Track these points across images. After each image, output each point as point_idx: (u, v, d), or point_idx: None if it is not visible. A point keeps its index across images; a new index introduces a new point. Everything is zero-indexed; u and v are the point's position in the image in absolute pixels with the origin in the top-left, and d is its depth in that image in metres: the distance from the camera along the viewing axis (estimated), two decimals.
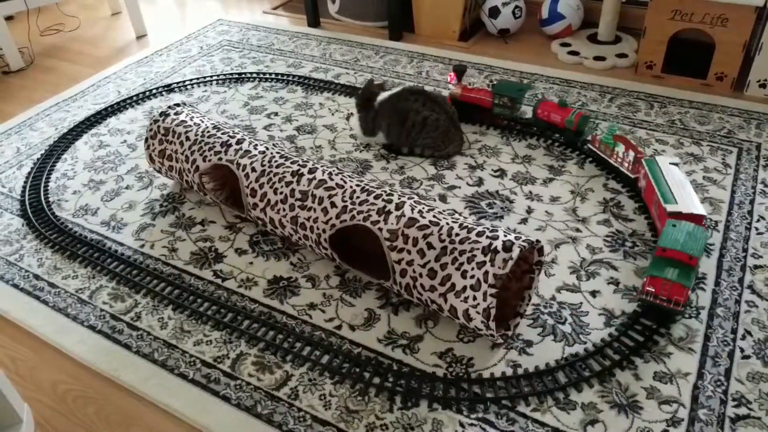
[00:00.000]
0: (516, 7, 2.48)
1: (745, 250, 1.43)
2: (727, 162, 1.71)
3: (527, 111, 1.98)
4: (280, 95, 2.18)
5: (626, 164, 1.63)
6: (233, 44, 2.61)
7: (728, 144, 1.78)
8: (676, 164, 1.53)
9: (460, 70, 1.99)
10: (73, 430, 1.17)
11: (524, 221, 1.55)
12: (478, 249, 1.15)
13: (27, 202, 1.72)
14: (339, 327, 1.31)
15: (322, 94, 2.17)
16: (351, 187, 1.34)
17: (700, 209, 1.39)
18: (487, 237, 1.17)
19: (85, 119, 2.11)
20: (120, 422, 1.17)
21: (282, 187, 1.40)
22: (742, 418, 1.09)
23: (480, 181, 1.69)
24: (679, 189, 1.44)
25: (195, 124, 1.60)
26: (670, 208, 1.40)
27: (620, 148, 1.63)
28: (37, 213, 1.68)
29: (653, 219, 1.51)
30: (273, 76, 2.29)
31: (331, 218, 1.32)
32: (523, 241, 1.15)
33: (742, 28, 1.95)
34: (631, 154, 1.60)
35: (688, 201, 1.41)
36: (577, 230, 1.51)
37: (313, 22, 2.75)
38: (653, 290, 1.24)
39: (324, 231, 1.33)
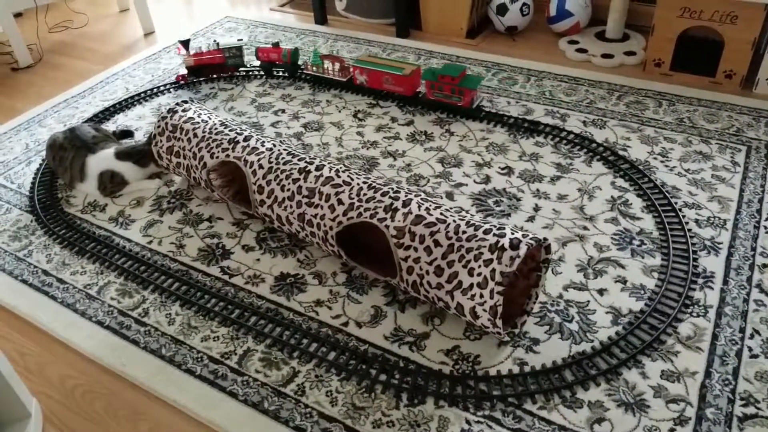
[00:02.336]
0: (524, 4, 2.47)
1: (753, 249, 1.42)
2: (735, 160, 1.70)
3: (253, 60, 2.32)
4: (288, 92, 2.18)
5: (337, 74, 2.15)
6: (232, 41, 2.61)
7: (737, 142, 1.77)
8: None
9: (185, 42, 2.20)
10: (81, 424, 1.18)
11: (531, 219, 1.55)
12: (485, 247, 1.15)
13: (36, 198, 1.73)
14: (346, 324, 1.31)
15: (329, 91, 2.17)
16: (358, 184, 1.34)
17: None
18: (494, 235, 1.16)
19: (94, 116, 2.11)
20: (128, 417, 1.18)
21: (289, 184, 1.40)
22: (750, 417, 1.08)
23: (487, 179, 1.69)
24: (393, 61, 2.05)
25: (203, 121, 1.61)
26: (406, 71, 2.00)
27: (328, 64, 2.12)
28: (46, 209, 1.69)
29: (389, 90, 2.06)
30: (280, 72, 2.30)
31: (338, 215, 1.32)
32: (531, 238, 1.15)
33: (752, 25, 1.94)
34: (337, 65, 2.11)
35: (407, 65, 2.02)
36: (585, 228, 1.51)
37: (320, 20, 2.75)
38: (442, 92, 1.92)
39: (331, 228, 1.33)
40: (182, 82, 2.24)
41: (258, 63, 2.28)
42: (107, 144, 1.77)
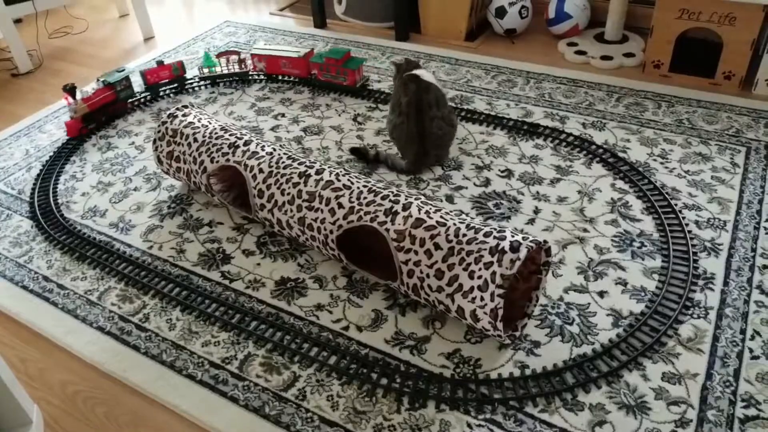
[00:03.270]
0: (522, 6, 2.48)
1: (753, 250, 1.42)
2: (735, 161, 1.70)
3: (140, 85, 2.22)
4: (287, 96, 2.18)
5: (238, 67, 2.26)
6: (240, 46, 2.61)
7: (736, 143, 1.77)
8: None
9: (71, 90, 2.00)
10: (82, 430, 1.18)
11: (531, 222, 1.55)
12: (485, 249, 1.15)
13: (36, 204, 1.73)
14: (346, 328, 1.31)
15: (328, 95, 2.18)
16: (358, 188, 1.34)
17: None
18: (495, 237, 1.16)
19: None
20: (129, 423, 1.18)
21: (289, 188, 1.40)
22: (751, 419, 1.08)
23: (487, 182, 1.69)
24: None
25: (203, 125, 1.61)
26: (300, 53, 2.19)
27: (223, 61, 2.25)
28: (46, 215, 1.69)
29: (288, 75, 2.25)
30: (280, 77, 2.30)
31: (338, 219, 1.32)
32: (531, 241, 1.15)
33: (750, 26, 1.94)
34: (234, 58, 2.25)
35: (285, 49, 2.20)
36: (585, 230, 1.51)
37: (320, 23, 2.75)
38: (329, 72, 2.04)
39: (331, 232, 1.33)
40: (82, 133, 2.03)
41: (145, 87, 2.20)
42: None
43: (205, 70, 2.24)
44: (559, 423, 1.10)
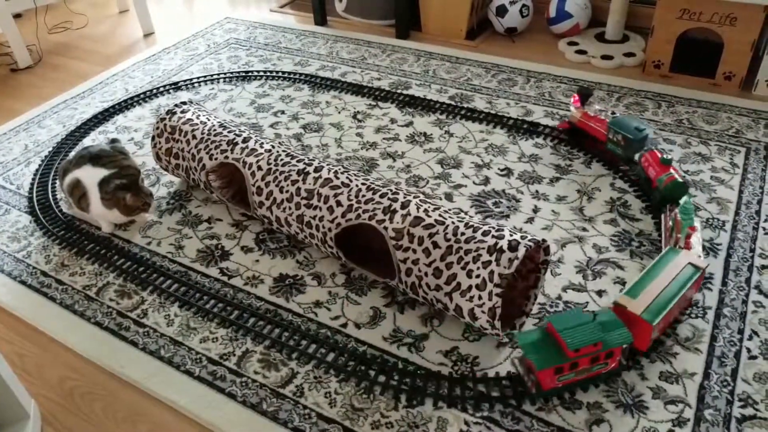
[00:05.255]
0: (523, 5, 2.47)
1: (752, 250, 1.42)
2: (735, 162, 1.70)
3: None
4: (287, 93, 2.18)
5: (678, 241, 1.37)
6: (240, 42, 2.61)
7: (736, 144, 1.78)
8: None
9: (585, 94, 1.79)
10: (80, 425, 1.18)
11: (530, 220, 1.55)
12: (483, 248, 1.15)
13: (35, 199, 1.73)
14: (344, 325, 1.31)
15: (328, 92, 2.18)
16: (357, 185, 1.34)
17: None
18: (493, 236, 1.16)
19: (93, 117, 2.12)
20: (126, 418, 1.18)
21: (288, 185, 1.40)
22: (748, 419, 1.08)
23: (486, 180, 1.69)
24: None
25: (202, 122, 1.61)
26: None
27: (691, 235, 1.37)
28: (45, 210, 1.69)
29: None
30: (280, 74, 2.30)
31: (336, 217, 1.32)
32: (529, 240, 1.15)
33: (751, 27, 1.94)
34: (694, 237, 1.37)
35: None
36: (584, 229, 1.51)
37: (320, 21, 2.75)
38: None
39: (330, 230, 1.33)
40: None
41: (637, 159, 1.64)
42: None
43: (676, 216, 1.40)
44: (556, 421, 1.10)
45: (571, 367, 1.09)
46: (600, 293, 1.34)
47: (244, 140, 1.51)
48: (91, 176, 1.53)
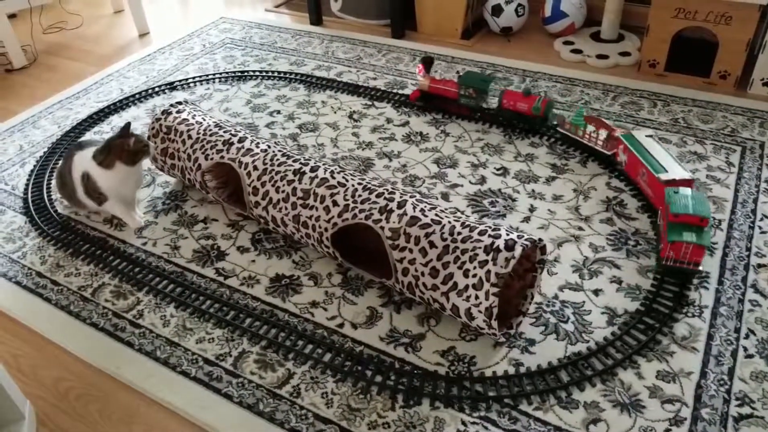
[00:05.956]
0: (519, 5, 2.48)
1: (748, 249, 1.42)
2: (730, 161, 1.71)
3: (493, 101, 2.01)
4: (283, 93, 2.18)
5: (600, 142, 1.70)
6: (236, 42, 2.61)
7: (732, 143, 1.78)
8: (651, 136, 1.59)
9: (428, 62, 2.01)
10: (75, 427, 1.17)
11: (527, 220, 1.55)
12: (480, 248, 1.15)
13: (30, 200, 1.72)
14: (341, 325, 1.31)
15: (324, 92, 2.17)
16: (353, 185, 1.34)
17: (689, 174, 1.47)
18: (490, 236, 1.16)
19: (88, 117, 2.11)
20: (122, 419, 1.17)
21: (284, 185, 1.39)
22: (745, 418, 1.08)
23: (482, 180, 1.69)
24: (663, 159, 1.53)
25: (197, 122, 1.60)
26: (664, 177, 1.47)
27: (591, 128, 1.71)
28: (40, 210, 1.68)
29: (641, 188, 1.59)
30: (275, 74, 2.29)
31: (333, 217, 1.32)
32: (526, 239, 1.15)
33: (746, 26, 1.94)
34: (604, 132, 1.68)
35: (676, 169, 1.49)
36: (580, 229, 1.51)
37: (316, 20, 2.75)
38: (673, 255, 1.32)
39: (326, 230, 1.33)
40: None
41: (497, 106, 1.90)
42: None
43: (567, 125, 1.77)
44: (553, 421, 1.10)
45: None
46: (596, 292, 1.34)
47: (240, 140, 1.51)
48: (82, 157, 1.54)
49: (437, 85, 1.98)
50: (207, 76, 2.31)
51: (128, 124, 1.52)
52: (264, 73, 2.30)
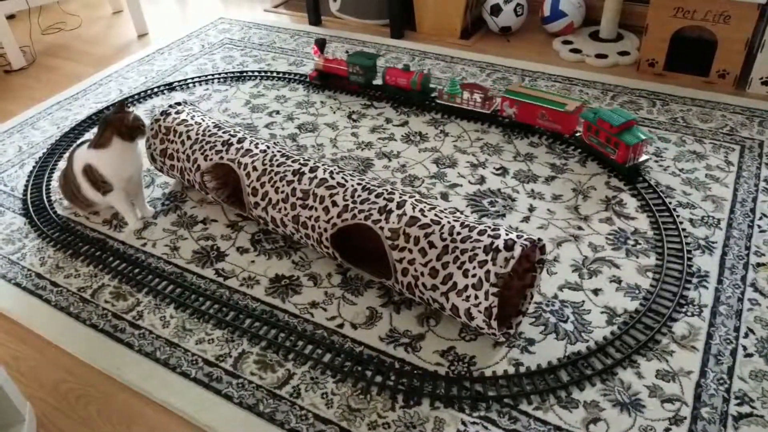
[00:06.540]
0: (518, 4, 2.48)
1: (747, 248, 1.42)
2: (729, 160, 1.71)
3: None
4: (282, 93, 2.18)
5: (478, 105, 1.91)
6: (234, 42, 2.61)
7: (731, 142, 1.78)
8: (524, 85, 1.89)
9: (321, 43, 2.17)
10: (75, 428, 1.17)
11: (526, 219, 1.55)
12: (479, 248, 1.15)
13: (29, 201, 1.72)
14: (341, 325, 1.31)
15: (323, 92, 2.17)
16: (352, 185, 1.34)
17: (579, 102, 1.77)
18: (489, 236, 1.16)
19: (87, 118, 2.11)
20: (122, 421, 1.17)
21: (283, 185, 1.39)
22: (745, 416, 1.09)
23: (482, 179, 1.69)
24: (549, 96, 1.80)
25: (196, 122, 1.60)
26: (569, 107, 1.75)
27: (467, 94, 1.90)
28: (39, 212, 1.68)
29: (544, 127, 1.82)
30: (274, 74, 2.29)
31: (332, 217, 1.32)
32: (525, 239, 1.15)
33: (745, 25, 1.95)
34: (479, 94, 1.89)
35: (566, 100, 1.78)
36: (579, 228, 1.51)
37: (315, 20, 2.75)
38: (633, 155, 1.61)
39: (325, 230, 1.33)
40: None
41: (382, 82, 2.08)
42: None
43: (445, 96, 1.97)
44: (553, 420, 1.10)
45: None
46: (596, 292, 1.34)
47: (239, 141, 1.51)
48: (81, 152, 1.54)
49: (330, 65, 2.14)
50: (206, 76, 2.31)
51: (124, 101, 1.52)
52: (263, 74, 2.30)
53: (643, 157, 1.65)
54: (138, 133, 1.53)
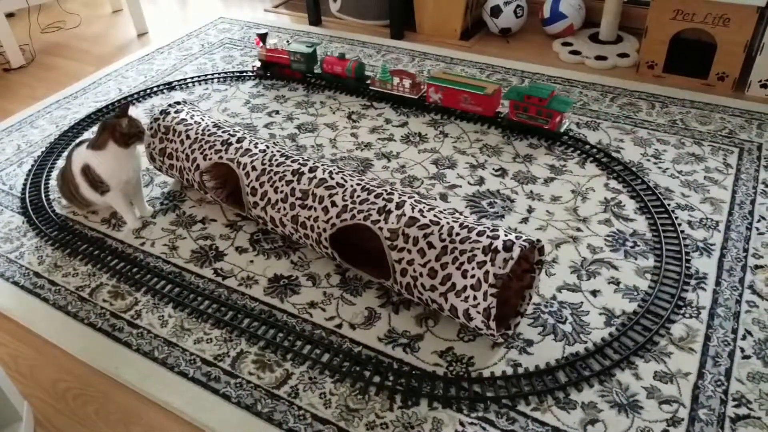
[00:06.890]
0: (517, 6, 2.48)
1: (745, 250, 1.43)
2: (728, 162, 1.71)
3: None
4: (281, 93, 2.18)
5: (407, 90, 2.03)
6: (234, 42, 2.61)
7: (729, 144, 1.78)
8: (446, 71, 2.08)
9: (263, 36, 2.29)
10: (73, 428, 1.17)
11: (525, 221, 1.55)
12: (478, 248, 1.15)
13: (27, 200, 1.72)
14: (339, 326, 1.31)
15: (323, 92, 2.17)
16: (351, 186, 1.34)
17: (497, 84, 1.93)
18: (488, 236, 1.16)
19: (86, 117, 2.11)
20: (120, 420, 1.17)
21: (282, 185, 1.39)
22: (742, 418, 1.09)
23: (481, 180, 1.69)
24: (468, 81, 1.94)
25: (195, 122, 1.60)
26: (488, 90, 1.89)
27: (396, 80, 2.02)
28: (38, 210, 1.68)
29: (467, 110, 1.95)
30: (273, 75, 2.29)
31: (331, 217, 1.32)
32: (524, 240, 1.15)
33: (744, 27, 1.95)
34: (408, 80, 2.01)
35: (482, 82, 1.93)
36: (578, 230, 1.51)
37: (315, 21, 2.75)
38: (561, 119, 1.82)
39: (324, 230, 1.33)
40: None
41: (320, 70, 2.21)
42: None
43: (377, 83, 2.09)
44: (551, 421, 1.10)
45: None
46: (594, 293, 1.34)
47: (239, 140, 1.51)
48: (80, 152, 1.54)
49: (272, 54, 2.22)
50: (206, 76, 2.31)
51: (127, 104, 1.51)
52: (262, 73, 2.30)
53: (567, 121, 1.88)
54: (134, 140, 1.52)
